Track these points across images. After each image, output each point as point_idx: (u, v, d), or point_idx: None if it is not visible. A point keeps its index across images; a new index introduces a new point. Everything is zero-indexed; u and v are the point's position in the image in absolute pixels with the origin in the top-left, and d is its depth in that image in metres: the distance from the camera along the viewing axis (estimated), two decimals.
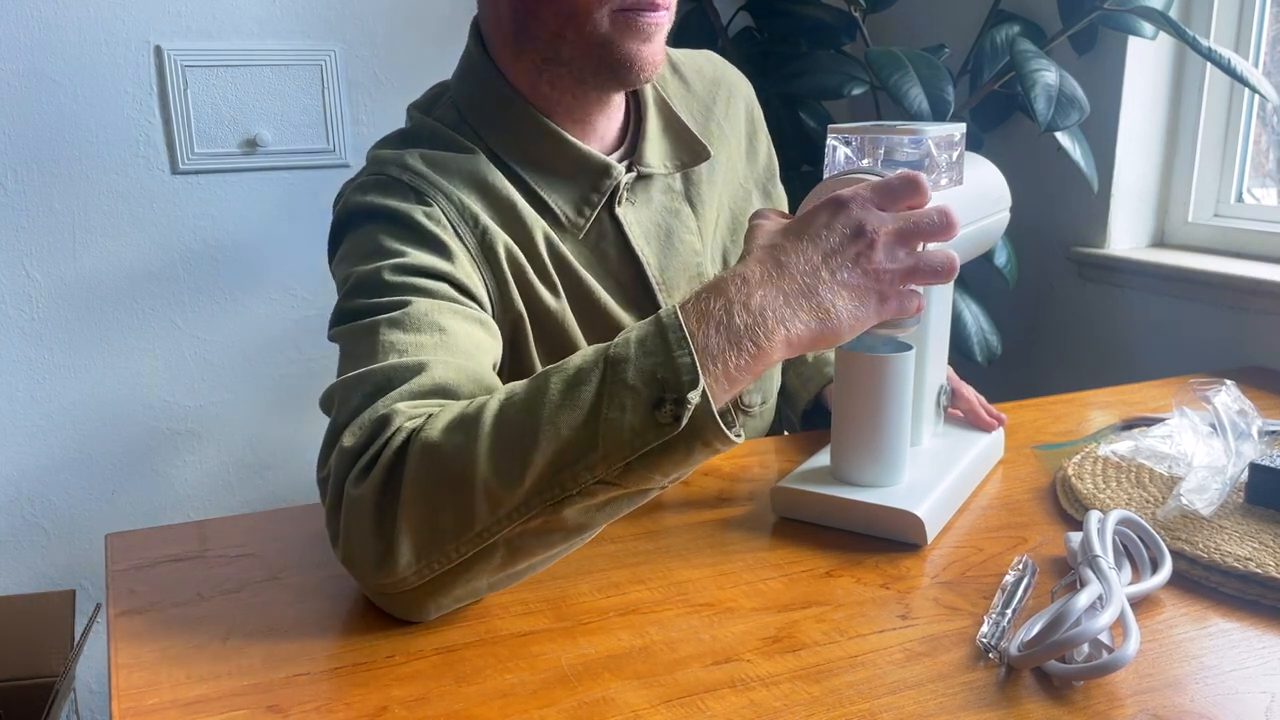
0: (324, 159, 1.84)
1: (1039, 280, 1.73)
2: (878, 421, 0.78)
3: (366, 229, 0.81)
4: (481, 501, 0.60)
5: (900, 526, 0.76)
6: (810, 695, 0.58)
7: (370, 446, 0.64)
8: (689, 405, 0.58)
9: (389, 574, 0.62)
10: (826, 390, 1.02)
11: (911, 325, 0.78)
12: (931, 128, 0.75)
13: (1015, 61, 1.38)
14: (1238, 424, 0.84)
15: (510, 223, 0.85)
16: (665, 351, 0.59)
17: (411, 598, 0.63)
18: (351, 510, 0.63)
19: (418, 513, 0.61)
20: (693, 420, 0.58)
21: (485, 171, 0.85)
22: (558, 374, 0.62)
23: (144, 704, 0.57)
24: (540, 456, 0.59)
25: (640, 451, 0.59)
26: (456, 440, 0.61)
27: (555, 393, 0.61)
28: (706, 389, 0.58)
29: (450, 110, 0.89)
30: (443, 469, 0.61)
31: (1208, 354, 1.44)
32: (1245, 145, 1.53)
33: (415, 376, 0.68)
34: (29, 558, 1.79)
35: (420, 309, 0.73)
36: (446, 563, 0.62)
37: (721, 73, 1.03)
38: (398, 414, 0.65)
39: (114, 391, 1.79)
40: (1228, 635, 0.64)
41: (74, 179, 1.70)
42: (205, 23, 1.73)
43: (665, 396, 0.58)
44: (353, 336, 0.74)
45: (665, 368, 0.59)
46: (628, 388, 0.59)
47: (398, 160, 0.84)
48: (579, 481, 0.60)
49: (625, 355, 0.60)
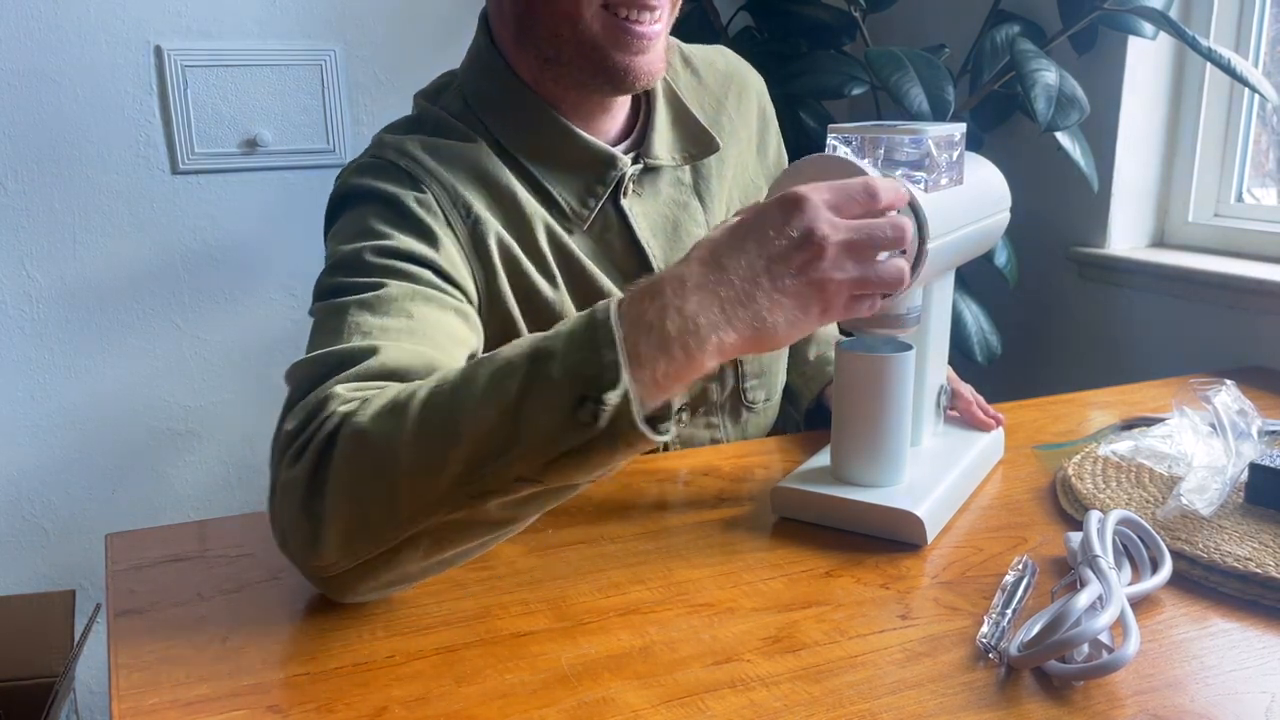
0: (324, 159, 1.84)
1: (1039, 280, 1.73)
2: (878, 421, 0.78)
3: (358, 209, 0.82)
4: (405, 491, 0.60)
5: (900, 526, 0.76)
6: (810, 695, 0.58)
7: (305, 429, 0.64)
8: (607, 406, 0.56)
9: (318, 558, 0.62)
10: (827, 390, 1.02)
11: (912, 325, 0.78)
12: (931, 128, 0.75)
13: (1015, 61, 1.38)
14: (1238, 424, 0.84)
15: (508, 213, 0.85)
16: (593, 348, 0.57)
17: (342, 581, 0.64)
18: (284, 494, 0.63)
19: (345, 499, 0.61)
20: (614, 422, 0.57)
21: (485, 161, 0.86)
22: (488, 363, 0.61)
23: (144, 704, 0.57)
24: (462, 450, 0.59)
25: (561, 451, 0.58)
26: (385, 427, 0.61)
27: (482, 383, 0.60)
28: (630, 391, 0.57)
29: (456, 99, 0.90)
30: (368, 456, 0.61)
31: (1208, 354, 1.44)
32: (1245, 145, 1.52)
33: (366, 360, 0.68)
34: (29, 558, 1.79)
35: (393, 292, 0.74)
36: (373, 549, 0.62)
37: (734, 68, 1.04)
38: (335, 397, 0.65)
39: (114, 391, 1.79)
40: (1228, 635, 0.64)
41: (74, 179, 1.70)
42: (205, 23, 1.73)
43: (588, 395, 0.57)
44: (324, 314, 0.75)
45: (590, 365, 0.57)
46: (552, 383, 0.58)
47: (397, 145, 0.85)
48: (500, 478, 0.59)
49: (554, 349, 0.59)
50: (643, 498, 0.86)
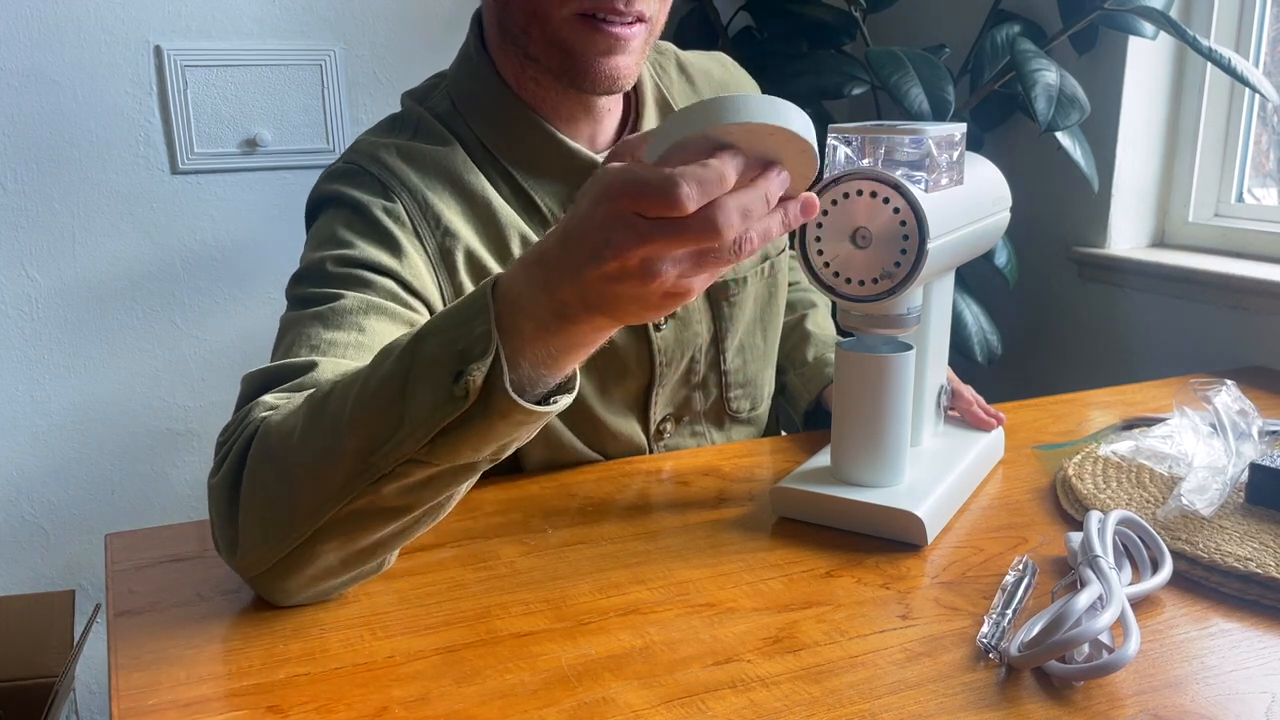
0: (324, 159, 1.84)
1: (1039, 280, 1.73)
2: (878, 421, 0.78)
3: (327, 215, 0.83)
4: (304, 484, 0.61)
5: (900, 526, 0.76)
6: (810, 695, 0.58)
7: (230, 439, 0.67)
8: (476, 376, 0.55)
9: (241, 559, 0.65)
10: (826, 391, 1.02)
11: (912, 325, 0.78)
12: (931, 128, 0.75)
13: (1015, 61, 1.38)
14: (1238, 424, 0.84)
15: (484, 223, 0.85)
16: (466, 322, 0.57)
17: (268, 581, 0.65)
18: (211, 500, 0.66)
19: (254, 498, 0.63)
20: (486, 393, 0.55)
21: (461, 168, 0.85)
22: (384, 351, 0.61)
23: (144, 704, 0.57)
24: (354, 438, 0.59)
25: (440, 426, 0.57)
26: (288, 424, 0.63)
27: (375, 371, 0.60)
28: (503, 360, 0.55)
29: (444, 100, 0.90)
30: (273, 454, 0.63)
31: (1208, 354, 1.44)
32: (1245, 145, 1.52)
33: (299, 376, 0.70)
34: (29, 558, 1.79)
35: (348, 304, 0.75)
36: (286, 546, 0.63)
37: (730, 76, 1.03)
38: (259, 405, 0.67)
39: (114, 391, 1.79)
40: (1228, 635, 0.64)
41: (74, 179, 1.70)
42: (205, 23, 1.73)
43: (462, 370, 0.56)
44: (283, 326, 0.77)
45: (463, 338, 0.56)
46: (432, 360, 0.57)
47: (371, 150, 0.85)
48: (390, 460, 0.59)
49: (434, 327, 0.59)
50: (643, 498, 0.86)
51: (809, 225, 0.75)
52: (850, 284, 0.74)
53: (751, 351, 0.99)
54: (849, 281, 0.74)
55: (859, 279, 0.74)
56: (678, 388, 0.95)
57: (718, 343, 0.96)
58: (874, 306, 0.76)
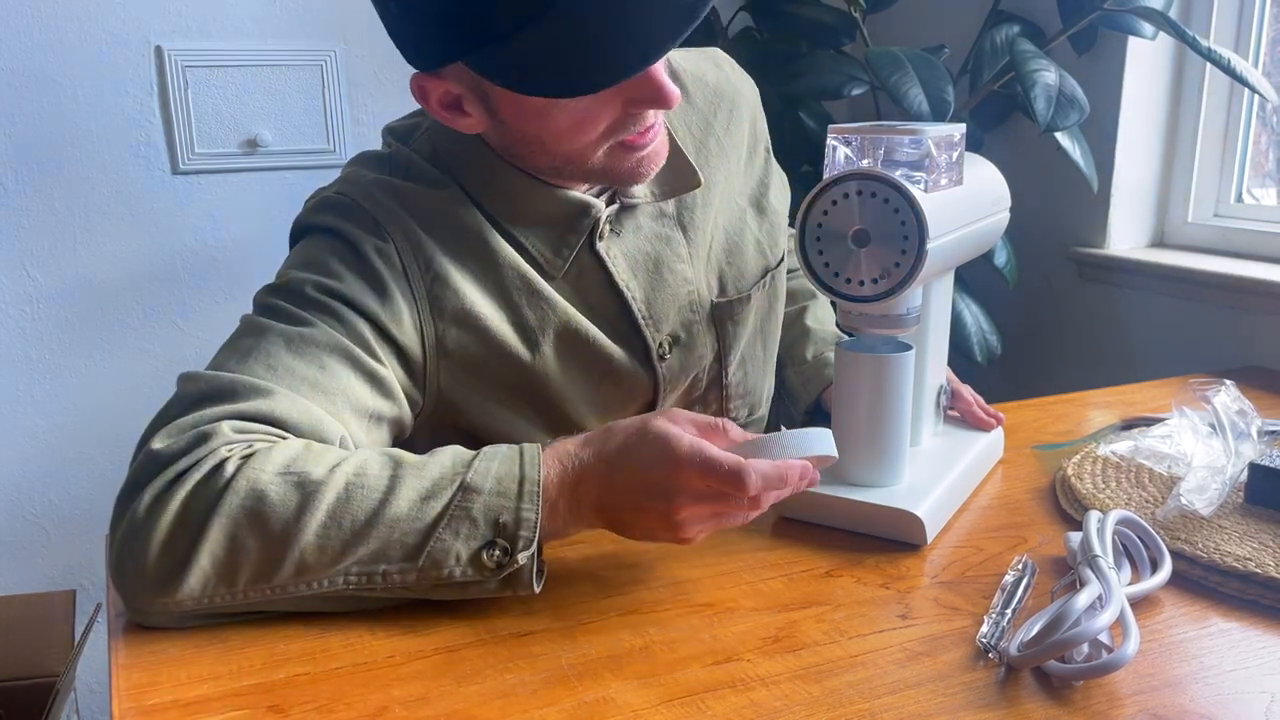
0: (325, 159, 1.84)
1: (1039, 280, 1.73)
2: (878, 421, 0.78)
3: (317, 241, 0.80)
4: (290, 564, 0.63)
5: (900, 526, 0.77)
6: (810, 695, 0.58)
7: (182, 459, 0.65)
8: (515, 563, 0.64)
9: (169, 594, 0.63)
10: (826, 392, 1.02)
11: (911, 325, 0.78)
12: (931, 128, 0.75)
13: (1015, 61, 1.38)
14: (1237, 424, 0.84)
15: (482, 265, 0.82)
16: (516, 498, 0.64)
17: (165, 610, 0.64)
18: (147, 519, 0.63)
19: (222, 548, 0.63)
20: (513, 575, 0.64)
21: (457, 209, 0.82)
22: (414, 476, 0.65)
23: (144, 704, 0.57)
24: (364, 550, 0.63)
25: (454, 581, 0.64)
26: (290, 499, 0.63)
27: (405, 498, 0.65)
28: (539, 554, 0.65)
29: (426, 143, 0.85)
30: (265, 521, 0.63)
31: (1208, 354, 1.44)
32: (1245, 145, 1.53)
33: (255, 399, 0.68)
34: (29, 558, 1.79)
35: (318, 336, 0.73)
36: (231, 602, 0.64)
37: (725, 81, 0.97)
38: (219, 435, 0.66)
39: (115, 391, 1.79)
40: (1227, 635, 0.64)
41: (74, 179, 1.70)
42: (205, 23, 1.73)
43: (498, 542, 0.63)
44: (245, 328, 0.75)
45: (510, 514, 0.64)
46: (469, 518, 0.64)
47: (364, 187, 0.81)
48: (388, 581, 0.64)
49: (480, 486, 0.65)
50: None
51: (809, 225, 0.75)
52: (850, 284, 0.75)
53: (752, 363, 0.98)
54: (849, 282, 0.74)
55: (859, 279, 0.74)
56: (678, 403, 0.94)
57: (720, 359, 0.94)
58: (874, 306, 0.76)
